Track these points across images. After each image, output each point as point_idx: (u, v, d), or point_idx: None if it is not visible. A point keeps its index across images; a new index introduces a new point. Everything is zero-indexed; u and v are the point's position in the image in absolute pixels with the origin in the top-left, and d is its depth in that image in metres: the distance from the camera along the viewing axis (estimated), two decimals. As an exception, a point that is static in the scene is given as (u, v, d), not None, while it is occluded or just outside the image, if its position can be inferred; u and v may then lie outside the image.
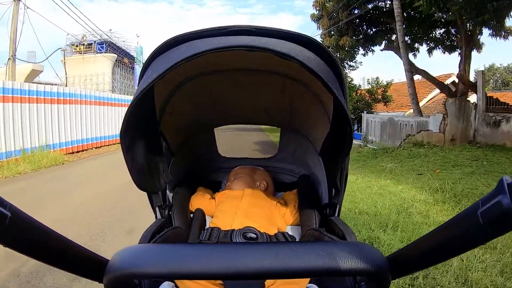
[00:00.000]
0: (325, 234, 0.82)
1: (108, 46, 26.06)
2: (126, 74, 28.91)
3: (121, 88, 27.53)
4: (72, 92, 9.02)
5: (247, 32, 0.63)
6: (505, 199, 0.29)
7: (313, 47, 0.65)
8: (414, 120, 9.53)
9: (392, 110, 18.82)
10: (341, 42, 11.41)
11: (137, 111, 0.67)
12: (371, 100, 15.83)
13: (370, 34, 12.15)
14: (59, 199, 4.25)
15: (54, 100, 8.15)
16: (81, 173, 6.33)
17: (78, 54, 26.29)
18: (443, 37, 11.18)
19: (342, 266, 0.41)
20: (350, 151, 0.74)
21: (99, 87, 23.69)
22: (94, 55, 25.04)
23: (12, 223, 0.32)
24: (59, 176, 5.89)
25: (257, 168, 1.33)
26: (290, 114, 1.23)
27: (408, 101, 18.75)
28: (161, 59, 0.65)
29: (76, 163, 7.62)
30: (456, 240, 0.35)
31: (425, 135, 8.59)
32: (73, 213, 3.63)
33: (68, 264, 0.41)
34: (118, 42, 27.16)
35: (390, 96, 16.07)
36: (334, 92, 0.58)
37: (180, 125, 1.16)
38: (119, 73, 27.54)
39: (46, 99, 7.82)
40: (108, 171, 6.36)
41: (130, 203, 3.87)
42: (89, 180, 5.54)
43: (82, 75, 25.48)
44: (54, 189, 4.82)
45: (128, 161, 0.74)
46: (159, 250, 0.47)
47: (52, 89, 8.27)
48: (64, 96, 8.63)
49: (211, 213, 1.12)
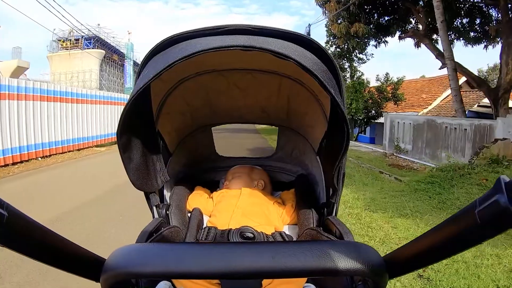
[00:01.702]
0: (322, 233, 0.82)
1: (96, 42, 24.98)
2: (116, 72, 27.06)
3: (109, 86, 25.63)
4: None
5: (244, 31, 0.63)
6: (503, 198, 0.29)
7: (310, 46, 0.65)
8: (469, 123, 6.66)
9: (402, 110, 16.73)
10: (352, 29, 9.49)
11: (134, 110, 0.66)
12: (381, 99, 13.80)
13: (383, 23, 10.46)
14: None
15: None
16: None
17: (64, 50, 25.08)
18: (465, 28, 9.22)
19: (339, 266, 0.42)
20: (347, 151, 0.73)
21: (85, 84, 22.66)
22: (80, 51, 24.13)
23: (9, 223, 0.32)
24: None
25: (254, 167, 1.33)
26: (287, 113, 1.23)
27: (420, 101, 16.84)
28: (158, 58, 0.65)
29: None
30: (453, 239, 0.35)
31: (502, 146, 5.63)
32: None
33: (65, 264, 0.41)
34: (107, 38, 25.36)
35: (401, 94, 14.06)
36: (331, 91, 0.58)
37: (177, 124, 1.17)
38: (108, 70, 25.72)
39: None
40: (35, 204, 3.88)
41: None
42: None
43: (69, 72, 24.39)
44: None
45: (125, 161, 0.75)
46: (156, 249, 0.47)
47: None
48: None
49: (209, 212, 1.12)
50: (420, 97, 17.24)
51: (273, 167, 1.40)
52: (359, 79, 15.32)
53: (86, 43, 25.78)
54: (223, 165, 1.42)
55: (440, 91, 16.65)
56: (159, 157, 0.95)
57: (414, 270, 0.42)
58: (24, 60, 15.43)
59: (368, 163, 7.01)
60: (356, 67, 14.81)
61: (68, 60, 24.05)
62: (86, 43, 25.82)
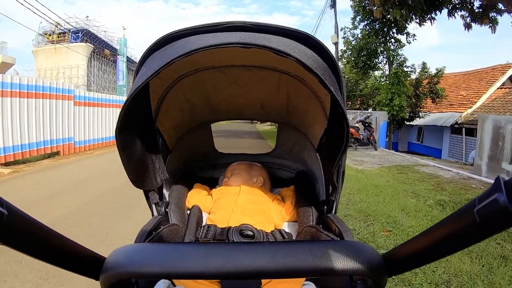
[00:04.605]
0: (322, 231, 0.81)
1: (84, 36, 21.40)
2: (107, 68, 24.01)
3: (99, 83, 22.45)
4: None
5: (243, 28, 0.63)
6: (502, 196, 0.29)
7: (310, 43, 0.64)
8: None
9: (437, 109, 13.27)
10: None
11: (133, 108, 0.66)
12: (418, 95, 10.42)
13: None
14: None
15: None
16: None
17: (51, 45, 23.28)
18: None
19: (338, 265, 0.42)
20: (347, 148, 0.73)
21: (72, 81, 20.34)
22: (67, 45, 21.60)
23: (8, 221, 0.32)
24: None
25: (254, 164, 1.31)
26: (287, 110, 1.22)
27: (460, 99, 13.47)
28: (156, 56, 0.64)
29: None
30: (452, 237, 0.35)
31: None
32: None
33: (65, 262, 0.41)
34: (98, 32, 22.20)
35: (442, 89, 10.71)
36: (331, 89, 0.58)
37: (176, 122, 1.15)
38: (98, 66, 22.63)
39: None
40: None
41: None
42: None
43: (55, 67, 21.99)
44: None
45: (124, 159, 0.74)
46: (156, 249, 0.48)
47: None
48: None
49: (208, 210, 1.12)
50: (458, 94, 13.88)
51: (273, 163, 1.39)
52: (401, 65, 11.90)
53: (73, 36, 22.98)
54: (222, 161, 1.41)
55: (483, 87, 13.30)
56: (158, 155, 0.94)
57: (413, 268, 0.42)
58: (10, 56, 14.27)
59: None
60: (396, 49, 11.23)
61: (54, 55, 22.12)
62: (74, 37, 23.00)
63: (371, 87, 15.05)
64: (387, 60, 12.12)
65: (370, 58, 12.20)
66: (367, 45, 11.50)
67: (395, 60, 11.80)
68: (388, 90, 10.86)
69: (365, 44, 11.53)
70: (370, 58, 12.18)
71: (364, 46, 11.62)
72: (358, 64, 12.40)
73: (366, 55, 12.04)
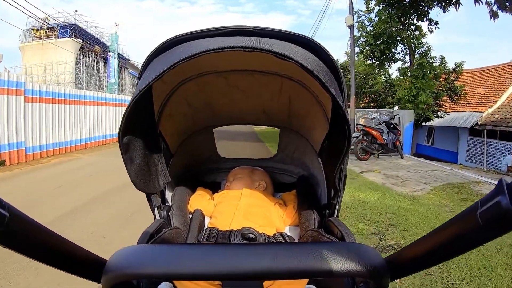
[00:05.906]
0: (324, 235, 0.82)
1: (73, 31, 21.56)
2: (97, 65, 22.58)
3: (89, 80, 20.95)
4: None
5: (245, 32, 0.64)
6: (504, 199, 0.29)
7: (311, 47, 0.66)
8: None
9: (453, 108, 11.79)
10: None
11: (136, 112, 0.67)
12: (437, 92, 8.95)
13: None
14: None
15: None
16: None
17: (38, 40, 21.68)
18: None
19: (340, 267, 0.42)
20: (348, 152, 0.73)
21: (60, 78, 19.40)
22: (54, 41, 20.34)
23: (10, 223, 0.32)
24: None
25: (256, 169, 1.34)
26: (289, 115, 1.24)
27: (478, 98, 11.98)
28: (159, 60, 0.66)
29: None
30: (455, 240, 0.35)
31: None
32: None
33: (66, 264, 0.41)
34: (88, 27, 22.64)
35: (461, 86, 9.23)
36: (332, 92, 0.58)
37: (178, 126, 1.18)
38: (87, 63, 23.16)
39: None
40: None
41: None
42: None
43: (42, 64, 20.71)
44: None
45: (127, 162, 0.76)
46: (157, 250, 0.48)
47: None
48: None
49: (210, 214, 1.14)
50: (475, 93, 12.40)
51: (275, 168, 1.41)
52: (426, 56, 9.98)
53: (61, 31, 21.69)
54: (224, 166, 1.42)
55: (502, 84, 11.89)
56: (161, 158, 0.96)
57: (415, 272, 0.42)
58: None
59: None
60: (419, 37, 9.51)
61: (41, 51, 21.12)
62: (62, 32, 21.72)
63: (383, 83, 13.40)
64: (408, 49, 10.28)
65: (389, 46, 10.11)
66: (387, 30, 9.48)
67: (417, 50, 10.04)
68: (412, 84, 9.27)
69: (384, 29, 9.52)
70: (389, 46, 10.09)
71: (383, 32, 9.58)
72: (374, 54, 10.26)
73: (385, 42, 9.93)
